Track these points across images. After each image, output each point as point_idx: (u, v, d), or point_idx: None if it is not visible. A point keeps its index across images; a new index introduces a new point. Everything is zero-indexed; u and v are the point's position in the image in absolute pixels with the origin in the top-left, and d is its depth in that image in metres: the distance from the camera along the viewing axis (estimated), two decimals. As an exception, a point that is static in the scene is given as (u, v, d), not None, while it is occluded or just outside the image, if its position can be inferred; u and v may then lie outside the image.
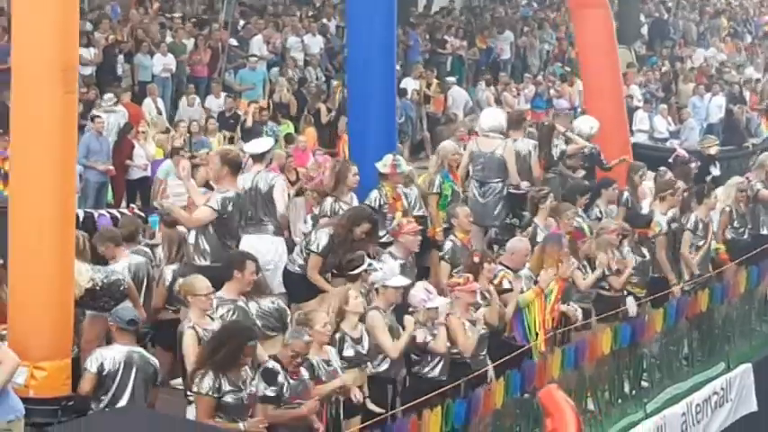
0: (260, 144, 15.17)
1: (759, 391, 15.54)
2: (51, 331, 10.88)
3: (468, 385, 12.00)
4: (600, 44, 19.62)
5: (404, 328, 11.79)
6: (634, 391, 14.01)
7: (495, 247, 15.44)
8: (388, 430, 10.73)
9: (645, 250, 15.30)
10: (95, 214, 21.29)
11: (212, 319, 11.22)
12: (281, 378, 10.43)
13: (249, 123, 26.64)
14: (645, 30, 40.49)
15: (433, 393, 11.45)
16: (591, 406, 13.28)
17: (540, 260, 13.51)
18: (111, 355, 10.63)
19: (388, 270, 12.51)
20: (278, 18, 32.55)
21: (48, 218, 10.90)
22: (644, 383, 14.26)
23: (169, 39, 29.06)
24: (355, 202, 14.55)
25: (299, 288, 13.47)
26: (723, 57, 38.67)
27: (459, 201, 15.78)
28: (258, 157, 14.50)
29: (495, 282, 13.03)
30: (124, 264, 12.94)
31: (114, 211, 21.72)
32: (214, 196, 12.87)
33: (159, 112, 26.92)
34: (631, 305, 14.62)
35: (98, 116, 24.15)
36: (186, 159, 15.07)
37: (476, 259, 12.94)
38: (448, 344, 12.03)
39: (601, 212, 16.10)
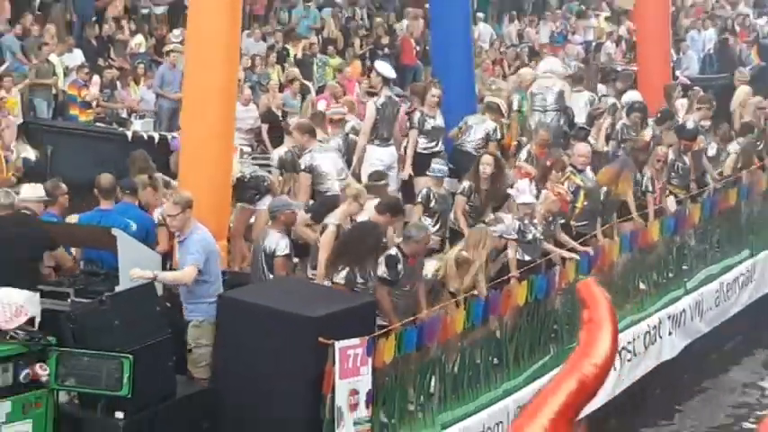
0: (390, 70, 15.23)
1: None
2: (214, 218, 10.84)
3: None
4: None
5: None
6: (676, 273, 13.87)
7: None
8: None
9: (686, 158, 15.20)
10: (169, 136, 20.88)
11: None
12: (399, 266, 10.49)
13: (299, 56, 25.89)
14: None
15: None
16: (642, 285, 13.22)
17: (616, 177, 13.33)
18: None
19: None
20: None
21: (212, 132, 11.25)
22: (684, 267, 14.16)
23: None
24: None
25: None
26: (717, -7, 37.77)
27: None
28: (387, 81, 14.52)
29: (563, 179, 12.88)
30: None
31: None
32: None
33: (224, 47, 26.12)
34: (672, 203, 14.55)
35: (171, 50, 23.55)
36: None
37: (548, 163, 12.95)
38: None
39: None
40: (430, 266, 11.21)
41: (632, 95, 17.29)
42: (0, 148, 18.12)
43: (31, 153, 19.05)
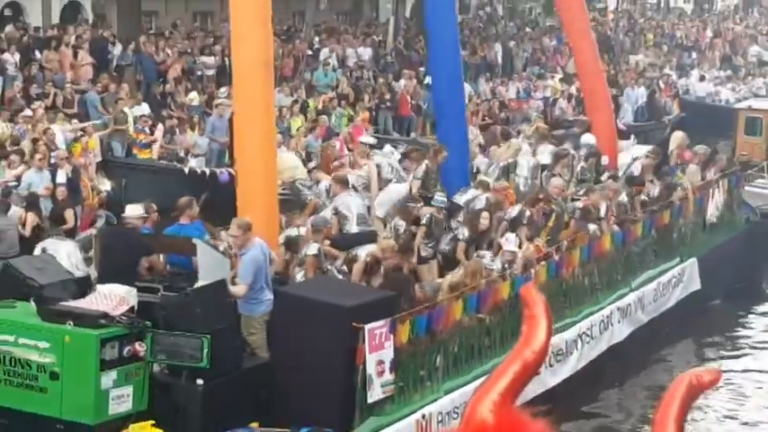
0: (371, 139, 15.64)
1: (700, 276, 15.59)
2: (266, 232, 10.95)
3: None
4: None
5: None
6: (623, 275, 13.97)
7: None
8: None
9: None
10: (217, 171, 21.03)
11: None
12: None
13: (320, 107, 26.12)
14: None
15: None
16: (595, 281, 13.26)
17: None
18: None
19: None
20: (340, 35, 31.96)
21: (259, 167, 11.29)
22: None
23: (266, 50, 28.52)
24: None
25: None
26: (648, 60, 38.00)
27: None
28: (372, 146, 14.67)
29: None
30: None
31: (231, 170, 21.42)
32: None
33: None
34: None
35: (221, 103, 23.76)
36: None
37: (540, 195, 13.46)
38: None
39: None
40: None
41: (587, 138, 17.43)
42: (87, 179, 18.32)
43: (107, 184, 19.18)
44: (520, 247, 12.35)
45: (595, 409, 12.80)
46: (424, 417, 10.25)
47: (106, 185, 19.09)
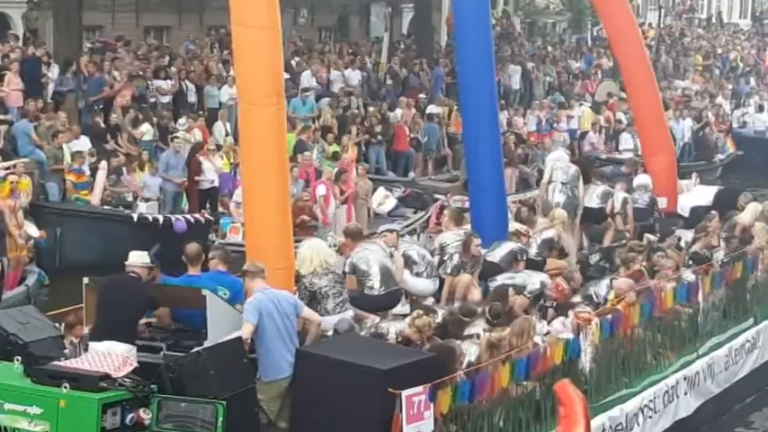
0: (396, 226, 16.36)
1: None
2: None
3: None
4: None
5: None
6: (690, 339, 14.95)
7: None
8: None
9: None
10: (173, 218, 21.95)
11: None
12: None
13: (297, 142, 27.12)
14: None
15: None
16: (660, 349, 14.27)
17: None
18: None
19: None
20: (323, 55, 33.07)
21: (272, 199, 12.18)
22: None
23: (234, 73, 29.44)
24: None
25: None
26: (696, 87, 39.37)
27: None
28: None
29: None
30: None
31: (189, 216, 22.36)
32: None
33: (227, 134, 27.37)
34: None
35: (177, 137, 24.71)
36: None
37: None
38: None
39: None
40: (472, 350, 12.41)
41: (642, 179, 18.52)
42: (15, 227, 19.00)
43: (34, 231, 19.85)
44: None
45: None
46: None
47: (34, 232, 19.81)
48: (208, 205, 24.16)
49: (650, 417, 13.58)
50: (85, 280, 11.42)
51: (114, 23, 33.17)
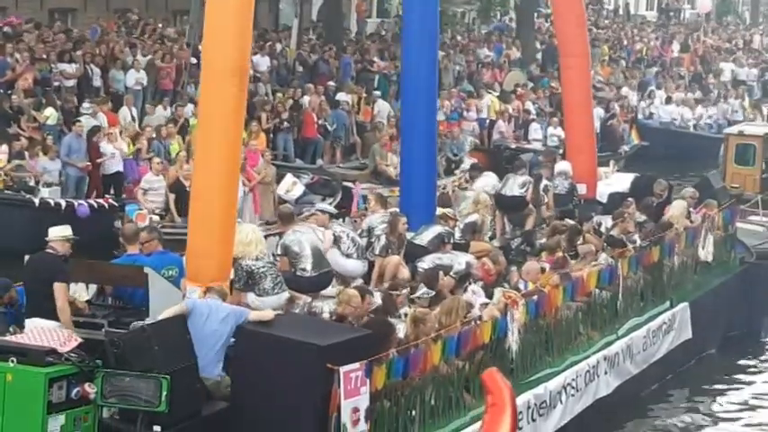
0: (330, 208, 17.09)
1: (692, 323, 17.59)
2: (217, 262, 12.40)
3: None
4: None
5: None
6: (610, 320, 15.86)
7: None
8: None
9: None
10: (75, 203, 22.27)
11: None
12: None
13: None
14: (539, 55, 42.18)
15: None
16: (581, 330, 15.09)
17: None
18: None
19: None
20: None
21: (218, 181, 12.52)
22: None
23: (140, 57, 29.81)
24: None
25: None
26: (601, 78, 40.47)
27: None
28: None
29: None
30: None
31: (92, 201, 22.71)
32: None
33: (133, 119, 27.65)
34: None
35: (78, 120, 25.00)
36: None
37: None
38: None
39: None
40: (400, 327, 13.06)
41: (563, 165, 19.40)
42: None
43: None
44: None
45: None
46: (401, 474, 11.83)
47: None
48: (112, 191, 24.44)
49: (573, 395, 14.40)
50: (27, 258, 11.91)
51: (18, 5, 33.17)
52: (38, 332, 10.84)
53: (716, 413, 16.72)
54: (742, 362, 18.80)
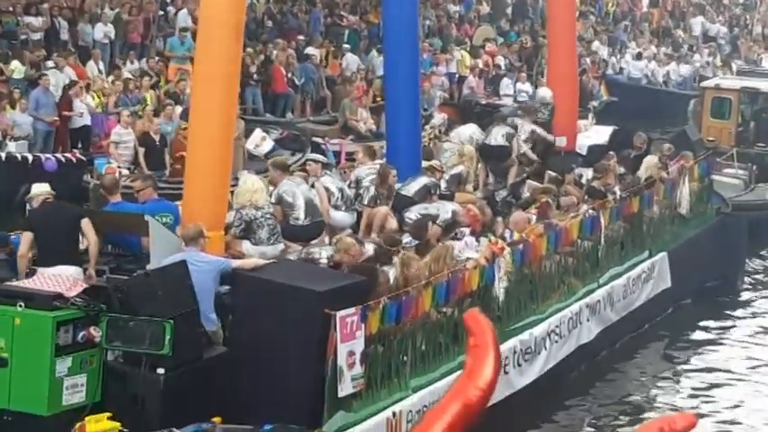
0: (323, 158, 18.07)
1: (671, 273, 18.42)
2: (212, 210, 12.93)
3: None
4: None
5: None
6: (592, 269, 16.62)
7: None
8: None
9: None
10: (42, 157, 22.69)
11: None
12: None
13: (175, 82, 27.91)
14: (509, 10, 42.72)
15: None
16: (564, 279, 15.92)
17: None
18: None
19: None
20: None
21: (217, 132, 13.08)
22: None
23: (108, 10, 30.13)
24: None
25: None
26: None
27: None
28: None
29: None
30: None
31: (60, 156, 23.14)
32: None
33: (100, 72, 28.04)
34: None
35: (45, 74, 25.38)
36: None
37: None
38: None
39: None
40: (391, 273, 13.71)
41: (543, 91, 20.25)
42: None
43: None
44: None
45: (560, 418, 15.26)
46: (394, 415, 12.47)
47: None
48: (80, 145, 24.87)
49: (556, 341, 15.16)
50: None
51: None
52: (44, 278, 11.40)
53: (690, 361, 17.50)
54: (716, 311, 19.66)
